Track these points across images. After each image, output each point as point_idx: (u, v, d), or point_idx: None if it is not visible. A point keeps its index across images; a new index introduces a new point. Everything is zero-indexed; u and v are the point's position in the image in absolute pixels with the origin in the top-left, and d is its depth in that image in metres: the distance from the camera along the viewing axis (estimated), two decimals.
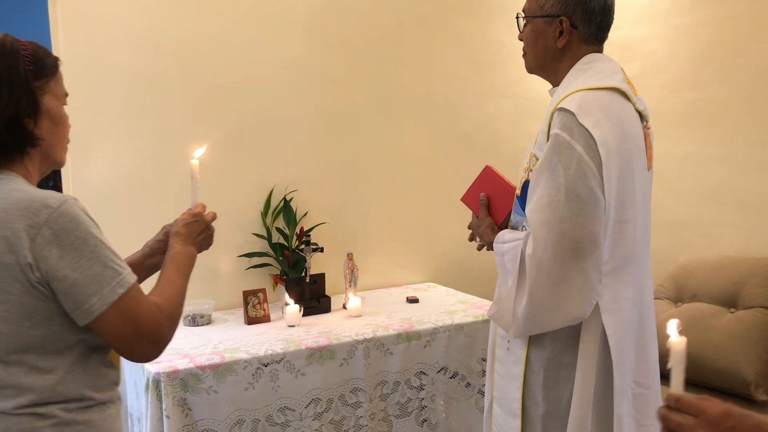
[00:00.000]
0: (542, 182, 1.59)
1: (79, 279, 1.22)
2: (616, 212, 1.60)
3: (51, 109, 1.32)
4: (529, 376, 1.70)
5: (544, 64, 1.77)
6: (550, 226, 1.55)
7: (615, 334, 1.61)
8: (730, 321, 2.71)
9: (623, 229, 1.62)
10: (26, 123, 1.28)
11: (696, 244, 3.25)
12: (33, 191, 1.24)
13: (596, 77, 1.66)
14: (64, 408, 1.26)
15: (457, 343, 2.62)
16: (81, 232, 1.23)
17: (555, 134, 1.58)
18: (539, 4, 1.72)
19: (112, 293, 1.24)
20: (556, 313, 1.60)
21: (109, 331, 1.26)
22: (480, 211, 1.90)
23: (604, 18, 1.73)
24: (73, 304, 1.22)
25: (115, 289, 1.24)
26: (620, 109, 1.64)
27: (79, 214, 1.24)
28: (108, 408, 1.34)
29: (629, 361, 1.65)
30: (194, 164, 1.73)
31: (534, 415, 1.70)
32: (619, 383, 1.62)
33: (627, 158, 1.61)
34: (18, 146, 1.29)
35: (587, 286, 1.57)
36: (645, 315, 1.71)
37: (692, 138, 3.29)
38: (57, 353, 1.26)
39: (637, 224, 1.66)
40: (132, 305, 1.27)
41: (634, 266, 1.66)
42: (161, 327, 1.31)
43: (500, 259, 1.74)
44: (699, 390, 2.70)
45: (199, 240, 1.62)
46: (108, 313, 1.24)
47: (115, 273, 1.26)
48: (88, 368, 1.30)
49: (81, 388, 1.28)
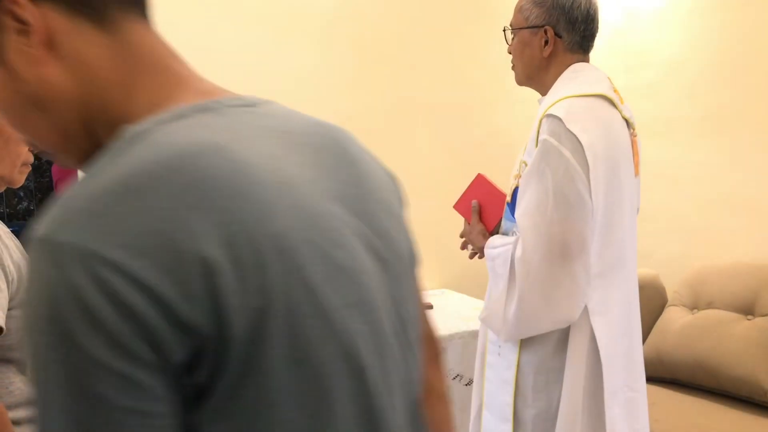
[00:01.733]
0: (531, 187, 1.63)
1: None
2: (604, 215, 1.63)
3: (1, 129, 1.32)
4: (520, 380, 1.73)
5: (532, 74, 1.82)
6: (538, 229, 1.59)
7: (603, 336, 1.64)
8: (747, 328, 2.68)
9: (611, 233, 1.65)
10: None
11: (711, 251, 3.23)
12: None
13: (583, 84, 1.71)
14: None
15: (471, 349, 2.61)
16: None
17: (543, 140, 1.62)
18: (524, 16, 1.79)
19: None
20: (545, 316, 1.64)
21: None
22: (471, 217, 1.95)
23: (588, 27, 1.76)
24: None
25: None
26: (607, 115, 1.68)
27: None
28: None
29: (619, 364, 1.68)
30: None
31: (525, 418, 1.72)
32: (610, 386, 1.64)
33: (614, 163, 1.65)
34: None
35: (576, 289, 1.60)
36: (632, 317, 1.75)
37: (707, 144, 3.28)
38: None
39: (624, 228, 1.69)
40: None
41: (622, 269, 1.70)
42: None
43: (491, 264, 1.78)
44: (716, 398, 2.68)
45: None
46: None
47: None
48: None
49: None
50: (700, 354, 2.73)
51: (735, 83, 3.15)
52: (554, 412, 1.67)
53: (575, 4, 1.73)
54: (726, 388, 2.66)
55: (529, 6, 1.78)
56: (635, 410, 1.71)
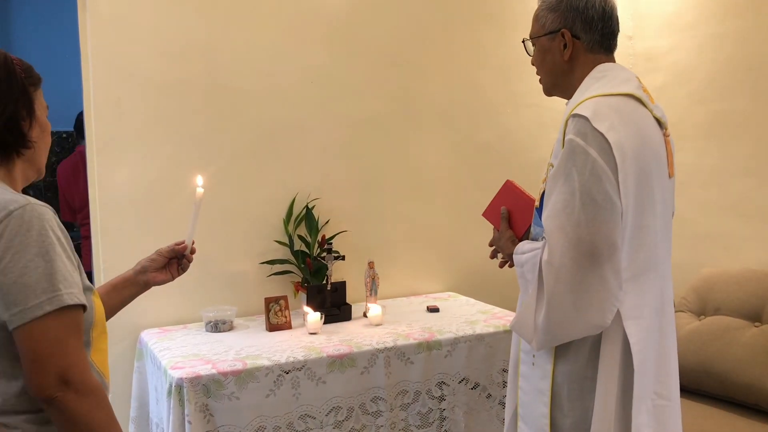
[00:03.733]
0: (557, 188, 1.59)
1: (8, 284, 1.15)
2: (635, 217, 1.58)
3: (40, 116, 1.36)
4: (556, 390, 1.68)
5: (557, 81, 1.79)
6: (565, 231, 1.54)
7: (638, 342, 1.59)
8: (754, 335, 2.68)
9: (643, 235, 1.60)
10: (22, 125, 1.31)
11: (719, 257, 3.23)
12: (4, 194, 1.23)
13: (610, 84, 1.67)
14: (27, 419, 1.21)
15: (477, 353, 2.61)
16: (27, 237, 1.16)
17: (569, 140, 1.58)
18: (541, 24, 1.78)
19: (37, 309, 1.14)
20: (576, 321, 1.58)
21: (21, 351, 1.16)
22: (501, 224, 1.90)
23: (606, 24, 1.74)
24: (2, 308, 1.16)
25: (43, 305, 1.14)
26: (636, 114, 1.64)
27: (34, 221, 1.18)
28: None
29: (650, 370, 1.63)
30: (200, 192, 1.70)
31: (562, 428, 1.68)
32: (639, 392, 1.60)
33: (644, 163, 1.60)
34: (14, 146, 1.31)
35: (607, 293, 1.55)
36: (666, 324, 1.69)
37: (716, 150, 3.27)
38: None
39: (657, 230, 1.64)
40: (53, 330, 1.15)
41: (655, 273, 1.64)
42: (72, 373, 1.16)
43: (520, 270, 1.73)
44: (723, 404, 2.67)
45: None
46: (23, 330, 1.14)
47: (51, 288, 1.16)
48: None
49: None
50: (707, 360, 2.72)
51: (744, 89, 3.14)
52: (590, 420, 1.63)
53: (589, 3, 1.71)
54: (733, 395, 2.65)
55: (544, 13, 1.76)
56: (664, 419, 1.64)
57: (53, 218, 1.22)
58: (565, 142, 1.60)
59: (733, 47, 3.16)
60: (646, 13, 3.57)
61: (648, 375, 1.62)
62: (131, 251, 2.66)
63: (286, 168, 3.00)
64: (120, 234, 2.71)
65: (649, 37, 3.55)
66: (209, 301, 2.85)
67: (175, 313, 2.80)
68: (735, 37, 3.15)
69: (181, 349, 2.46)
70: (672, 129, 1.68)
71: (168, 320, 2.79)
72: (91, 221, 2.75)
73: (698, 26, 3.32)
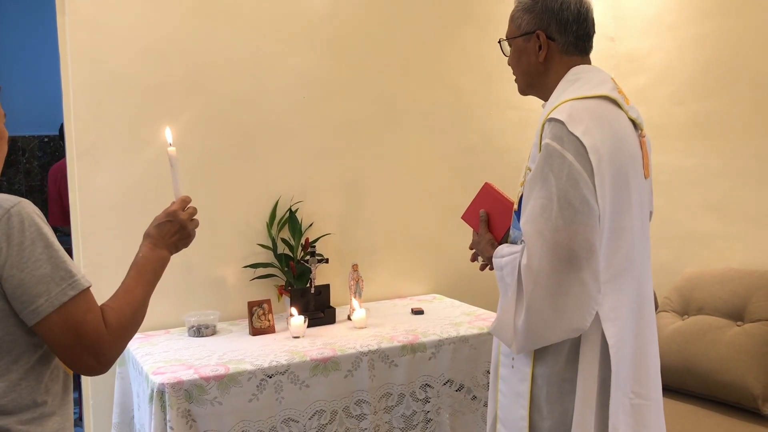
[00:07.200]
0: (535, 192, 1.60)
1: (26, 279, 1.20)
2: (612, 220, 1.60)
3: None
4: (535, 392, 1.69)
5: (532, 81, 1.82)
6: (543, 235, 1.56)
7: (616, 343, 1.60)
8: (736, 334, 2.69)
9: (620, 237, 1.62)
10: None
11: (701, 257, 3.24)
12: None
13: (585, 87, 1.68)
14: (17, 420, 1.22)
15: (462, 355, 2.61)
16: (31, 232, 1.22)
17: (546, 144, 1.59)
18: (516, 25, 1.80)
19: (62, 295, 1.22)
20: (555, 325, 1.59)
21: (52, 337, 1.23)
22: (480, 227, 1.90)
23: (581, 26, 1.75)
24: (20, 304, 1.21)
25: (66, 291, 1.22)
26: (612, 116, 1.66)
27: (31, 216, 1.23)
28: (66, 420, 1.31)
29: (627, 370, 1.63)
30: (171, 151, 1.65)
31: (540, 430, 1.69)
32: (616, 392, 1.61)
33: (620, 165, 1.62)
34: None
35: (585, 296, 1.57)
36: (645, 324, 1.69)
37: (697, 150, 3.29)
38: (12, 357, 1.23)
39: (634, 232, 1.65)
40: (80, 311, 1.24)
41: (632, 274, 1.65)
42: (102, 341, 1.27)
43: (500, 274, 1.74)
44: (705, 403, 2.68)
45: (173, 241, 1.54)
46: (53, 317, 1.21)
47: (68, 275, 1.23)
48: (43, 375, 1.27)
49: (34, 396, 1.25)
50: (690, 359, 2.73)
51: (725, 89, 3.16)
52: (569, 423, 1.63)
53: (564, 5, 1.72)
54: (715, 394, 2.66)
55: (519, 14, 1.78)
56: (644, 418, 1.65)
57: (41, 213, 1.28)
58: (542, 146, 1.61)
59: (714, 48, 3.19)
60: (628, 14, 3.59)
61: (625, 375, 1.62)
62: (112, 255, 2.65)
63: (269, 171, 2.99)
64: (101, 238, 2.69)
65: (631, 39, 3.57)
66: (192, 305, 2.82)
67: (157, 318, 2.76)
68: (715, 37, 3.18)
69: (163, 354, 2.44)
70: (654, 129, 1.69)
71: (150, 325, 2.76)
72: (71, 225, 2.72)
73: (679, 27, 3.34)
